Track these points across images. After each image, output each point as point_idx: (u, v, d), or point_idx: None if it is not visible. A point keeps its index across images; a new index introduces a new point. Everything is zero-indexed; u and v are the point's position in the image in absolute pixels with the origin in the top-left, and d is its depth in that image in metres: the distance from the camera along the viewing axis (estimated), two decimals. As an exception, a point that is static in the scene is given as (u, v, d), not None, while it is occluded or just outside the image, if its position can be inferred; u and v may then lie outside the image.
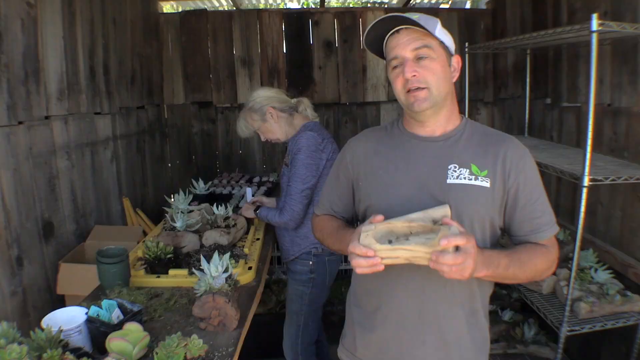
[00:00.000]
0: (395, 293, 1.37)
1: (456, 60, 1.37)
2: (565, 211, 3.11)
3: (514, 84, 4.17)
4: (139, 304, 1.72)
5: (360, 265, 1.11)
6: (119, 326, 1.44)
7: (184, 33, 4.14)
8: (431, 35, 1.27)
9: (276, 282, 3.73)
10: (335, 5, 4.86)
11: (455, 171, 1.31)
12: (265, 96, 2.42)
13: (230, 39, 4.18)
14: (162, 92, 4.19)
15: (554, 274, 2.49)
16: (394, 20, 1.27)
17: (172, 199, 2.60)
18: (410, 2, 4.14)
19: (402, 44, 1.28)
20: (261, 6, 4.48)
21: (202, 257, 1.74)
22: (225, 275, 1.69)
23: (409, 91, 1.29)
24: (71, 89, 2.58)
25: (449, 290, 1.32)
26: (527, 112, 3.39)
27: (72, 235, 2.57)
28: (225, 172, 4.12)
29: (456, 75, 1.37)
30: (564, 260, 2.53)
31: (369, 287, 1.45)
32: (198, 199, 3.08)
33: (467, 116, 1.48)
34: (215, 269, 1.67)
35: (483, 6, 4.33)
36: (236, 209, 2.81)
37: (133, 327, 1.38)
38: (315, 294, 2.41)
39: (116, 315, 1.49)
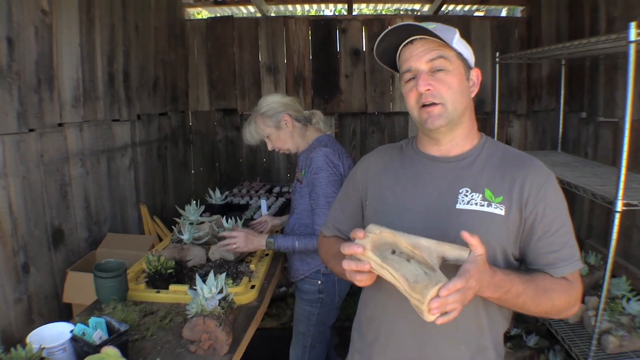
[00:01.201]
0: (395, 324, 1.26)
1: (475, 74, 1.26)
2: (598, 233, 2.90)
3: (548, 96, 3.95)
4: (131, 321, 1.68)
5: (350, 267, 1.03)
6: (100, 348, 1.38)
7: (210, 39, 4.13)
8: (448, 46, 1.17)
9: (292, 295, 3.64)
10: (363, 13, 4.75)
11: (467, 196, 1.19)
12: (282, 102, 2.29)
13: (256, 45, 4.14)
14: (187, 99, 4.19)
15: (582, 302, 2.30)
16: (408, 30, 1.17)
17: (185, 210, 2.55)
18: (442, 9, 3.99)
19: (416, 55, 1.18)
20: (288, 13, 4.43)
21: (197, 276, 1.67)
22: (220, 296, 1.62)
23: (422, 106, 1.19)
24: (87, 96, 2.57)
25: (453, 326, 1.19)
26: (560, 126, 3.19)
27: (83, 243, 2.56)
28: (246, 181, 4.08)
29: (475, 90, 1.27)
30: (594, 288, 2.34)
31: (370, 315, 1.35)
32: (213, 209, 3.03)
33: (497, 129, 1.35)
34: (208, 291, 1.60)
35: (518, 14, 4.13)
36: (248, 220, 2.74)
37: (111, 352, 1.32)
38: (324, 314, 2.30)
39: (98, 336, 1.43)
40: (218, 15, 4.36)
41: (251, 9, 4.33)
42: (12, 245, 2.02)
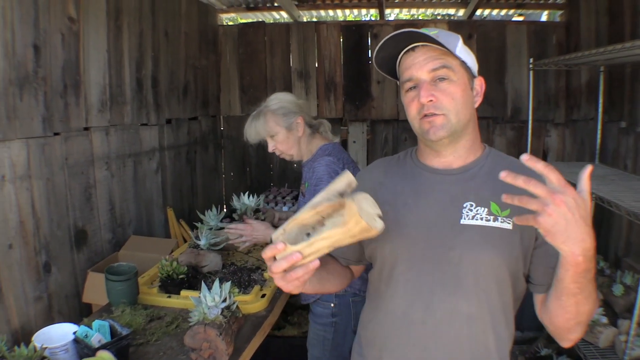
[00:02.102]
0: (397, 346, 1.20)
1: (479, 83, 1.20)
2: (636, 250, 2.71)
3: (587, 105, 3.74)
4: (136, 326, 1.69)
5: (280, 267, 0.91)
6: (97, 351, 1.39)
7: (242, 45, 4.17)
8: (451, 54, 1.11)
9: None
10: (399, 18, 4.67)
11: (471, 210, 1.12)
12: (296, 103, 2.18)
13: (287, 51, 4.15)
14: (218, 104, 4.24)
15: (615, 325, 2.15)
16: (409, 37, 1.12)
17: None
18: (477, 13, 3.87)
19: (418, 64, 1.12)
20: (320, 18, 4.42)
21: (203, 283, 1.67)
22: (223, 305, 1.60)
23: (424, 117, 1.13)
24: (114, 101, 2.63)
25: (458, 347, 1.12)
26: (598, 136, 3.01)
27: (107, 244, 2.61)
28: (274, 187, 4.08)
29: (479, 100, 1.20)
30: (629, 310, 2.18)
31: (371, 337, 1.29)
32: (235, 214, 3.03)
33: (531, 138, 1.26)
34: (211, 299, 1.58)
35: (557, 19, 3.95)
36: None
37: (105, 356, 1.32)
38: (338, 339, 2.10)
39: (97, 339, 1.44)
40: (250, 20, 4.39)
41: (283, 14, 4.34)
42: (33, 244, 2.08)
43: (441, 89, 1.11)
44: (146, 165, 3.02)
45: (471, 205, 1.13)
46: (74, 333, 1.49)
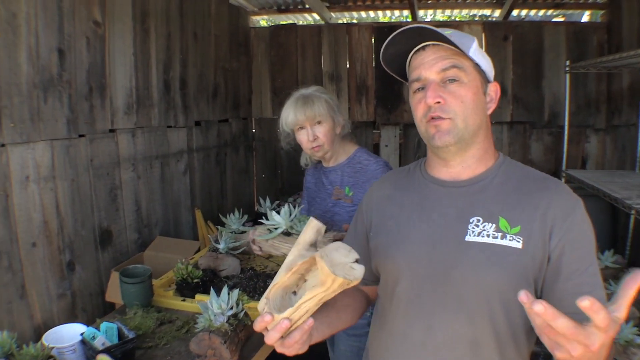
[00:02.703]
0: None
1: (494, 89, 1.11)
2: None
3: (629, 109, 3.49)
4: (145, 329, 1.69)
5: (273, 338, 0.88)
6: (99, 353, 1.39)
7: (273, 47, 4.17)
8: (464, 55, 1.03)
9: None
10: (436, 19, 4.55)
11: (478, 226, 1.04)
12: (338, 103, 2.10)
13: (319, 53, 4.11)
14: (249, 106, 4.26)
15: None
16: (420, 35, 1.05)
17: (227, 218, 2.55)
18: (513, 14, 3.70)
19: (427, 63, 1.05)
20: (352, 20, 4.36)
21: (212, 289, 1.65)
22: (230, 312, 1.57)
23: (430, 120, 1.05)
24: (141, 103, 2.67)
25: None
26: (639, 143, 2.80)
27: (133, 245, 2.65)
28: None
29: (492, 106, 1.11)
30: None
31: (373, 355, 1.24)
32: (262, 218, 3.01)
33: (568, 144, 1.16)
34: (217, 306, 1.56)
35: (598, 19, 3.73)
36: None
37: (104, 359, 1.32)
38: None
39: (100, 342, 1.45)
40: (282, 22, 4.39)
41: (315, 16, 4.31)
42: (57, 243, 2.13)
43: (450, 91, 1.04)
44: (174, 166, 3.06)
45: (478, 221, 1.04)
46: (82, 334, 1.50)
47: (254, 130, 4.37)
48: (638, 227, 2.50)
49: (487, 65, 1.09)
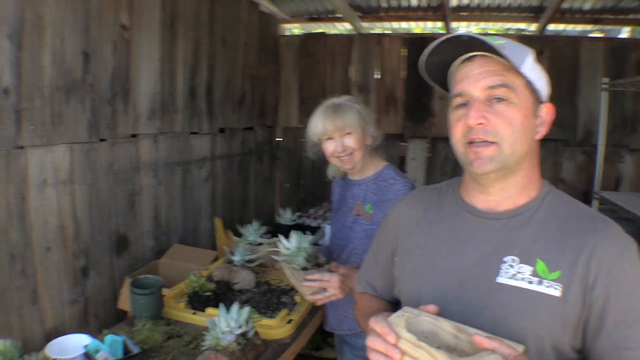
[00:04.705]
0: None
1: (546, 111, 0.98)
2: None
3: (666, 130, 3.32)
4: (152, 343, 1.63)
5: (376, 347, 0.81)
6: (100, 372, 1.33)
7: (303, 56, 4.12)
8: (516, 71, 0.91)
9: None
10: (471, 32, 4.42)
11: (512, 267, 0.93)
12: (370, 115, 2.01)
13: (348, 63, 4.04)
14: (276, 114, 4.21)
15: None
16: (468, 44, 0.93)
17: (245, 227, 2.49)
18: (549, 28, 3.55)
19: (472, 77, 0.94)
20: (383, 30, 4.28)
21: (221, 305, 1.57)
22: (239, 331, 1.50)
23: (470, 143, 0.94)
24: (165, 109, 2.64)
25: None
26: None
27: (149, 252, 2.62)
28: (326, 202, 3.96)
29: (543, 130, 0.98)
30: None
31: None
32: (281, 229, 2.95)
33: (603, 164, 1.04)
34: (226, 324, 1.49)
35: (638, 36, 3.55)
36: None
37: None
38: None
39: (103, 357, 1.39)
40: (312, 31, 4.34)
41: (347, 25, 4.24)
42: (72, 249, 2.10)
43: (497, 111, 0.91)
44: (196, 173, 3.02)
45: (513, 261, 0.94)
46: (85, 347, 1.45)
47: (279, 139, 4.32)
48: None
49: (541, 83, 0.96)
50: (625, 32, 3.87)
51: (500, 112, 0.92)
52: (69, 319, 2.10)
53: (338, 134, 1.87)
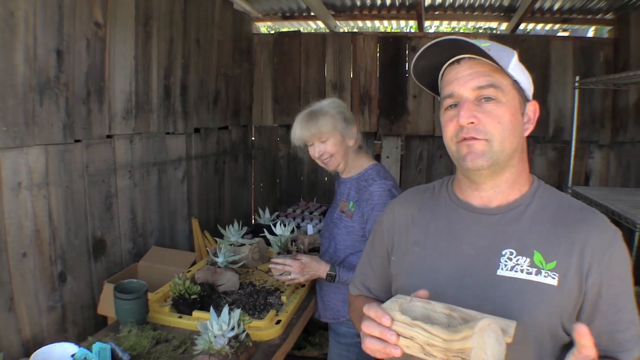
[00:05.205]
0: None
1: (532, 108, 1.02)
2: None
3: (635, 127, 3.47)
4: (140, 349, 1.59)
5: (370, 332, 0.82)
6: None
7: (277, 54, 4.10)
8: (502, 71, 0.94)
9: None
10: (440, 31, 4.50)
11: (511, 259, 0.96)
12: (351, 114, 2.08)
13: (323, 62, 4.05)
14: (250, 113, 4.18)
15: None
16: (456, 47, 0.96)
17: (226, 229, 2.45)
18: (520, 28, 3.65)
19: (462, 79, 0.97)
20: (357, 29, 4.31)
21: (211, 308, 1.55)
22: (231, 334, 1.48)
23: (462, 140, 0.96)
24: (140, 109, 2.58)
25: None
26: (646, 161, 2.75)
27: (127, 255, 2.55)
28: (303, 201, 3.96)
29: (530, 127, 1.02)
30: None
31: None
32: (261, 229, 2.93)
33: (573, 160, 1.08)
34: (218, 328, 1.47)
35: (606, 35, 3.69)
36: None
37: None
38: (362, 359, 2.04)
39: (92, 366, 1.35)
40: (286, 30, 4.32)
41: (320, 24, 4.25)
42: (49, 253, 2.03)
43: (486, 110, 0.95)
44: (171, 174, 2.96)
45: (511, 254, 0.97)
46: (72, 356, 1.40)
47: (253, 139, 4.28)
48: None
49: (526, 82, 1.00)
50: (590, 31, 4.01)
51: (489, 111, 0.95)
52: (46, 326, 2.03)
53: (315, 140, 1.97)
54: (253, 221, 4.18)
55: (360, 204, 1.95)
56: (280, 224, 2.20)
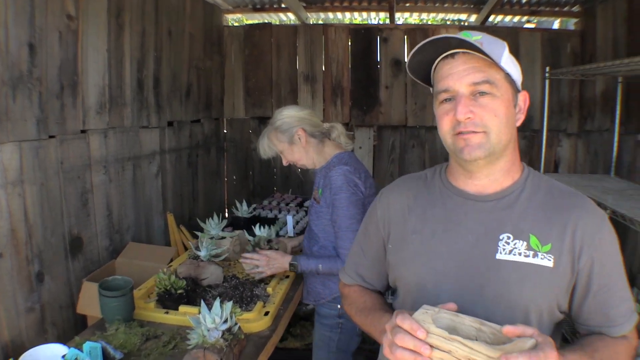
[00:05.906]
0: None
1: (523, 99, 1.05)
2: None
3: (602, 115, 3.63)
4: (131, 347, 1.58)
5: (404, 344, 0.81)
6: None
7: (248, 47, 4.06)
8: (495, 65, 0.97)
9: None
10: (407, 22, 4.56)
11: (508, 243, 1.00)
12: (296, 116, 2.14)
13: (294, 53, 4.04)
14: (222, 106, 4.14)
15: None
16: (449, 42, 0.98)
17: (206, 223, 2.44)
18: (489, 20, 3.75)
19: (457, 74, 0.98)
20: (328, 21, 4.31)
21: (202, 302, 1.55)
22: (224, 327, 1.49)
23: (459, 134, 0.99)
24: (114, 102, 2.53)
25: None
26: (615, 148, 2.89)
27: (104, 252, 2.51)
28: (278, 193, 3.97)
29: (521, 117, 1.06)
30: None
31: None
32: (239, 222, 2.93)
33: (544, 148, 1.13)
34: (211, 321, 1.47)
35: (572, 27, 3.83)
36: (277, 235, 2.60)
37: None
38: (344, 340, 2.11)
39: (85, 365, 1.33)
40: (256, 22, 4.29)
41: (291, 16, 4.23)
42: (25, 253, 1.98)
43: (482, 104, 0.97)
44: (146, 169, 2.92)
45: (508, 238, 1.01)
46: (63, 356, 1.38)
47: (225, 131, 4.25)
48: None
49: (517, 74, 1.04)
50: (556, 24, 4.14)
51: (485, 104, 0.98)
52: (25, 328, 1.99)
53: (279, 153, 2.21)
54: (227, 214, 4.16)
55: (325, 189, 2.06)
56: (259, 227, 2.31)
